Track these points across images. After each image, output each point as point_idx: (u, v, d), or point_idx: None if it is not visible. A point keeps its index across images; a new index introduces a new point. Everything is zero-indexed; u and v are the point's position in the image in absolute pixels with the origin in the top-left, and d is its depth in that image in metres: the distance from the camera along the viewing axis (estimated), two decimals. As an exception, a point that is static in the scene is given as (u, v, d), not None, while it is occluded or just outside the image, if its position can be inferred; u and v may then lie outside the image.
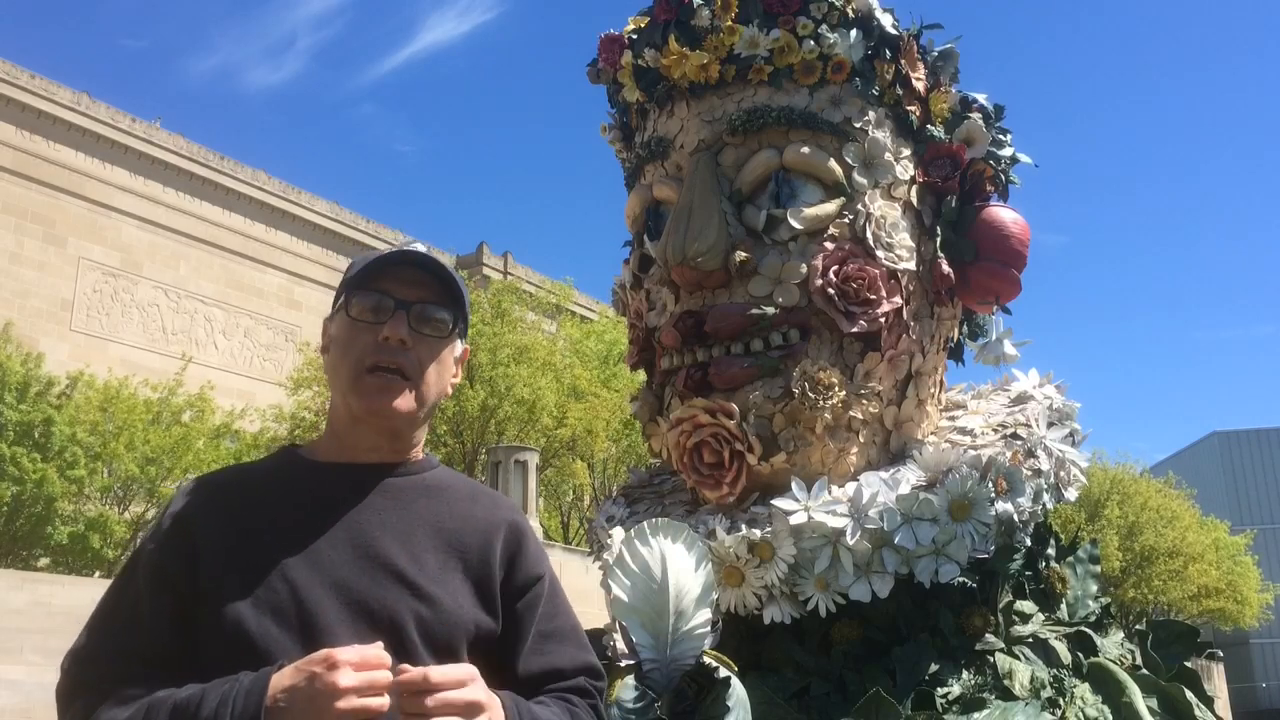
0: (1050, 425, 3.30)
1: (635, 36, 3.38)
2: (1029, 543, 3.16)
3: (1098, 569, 3.31)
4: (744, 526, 2.96)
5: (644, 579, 2.51)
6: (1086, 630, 3.10)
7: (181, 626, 1.64)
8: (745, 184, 3.17)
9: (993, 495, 2.98)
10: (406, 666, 1.53)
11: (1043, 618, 3.09)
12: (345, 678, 1.46)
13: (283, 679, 1.49)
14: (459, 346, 1.90)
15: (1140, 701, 2.83)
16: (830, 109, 3.21)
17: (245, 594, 1.63)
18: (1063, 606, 3.18)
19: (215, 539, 1.69)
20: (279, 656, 1.57)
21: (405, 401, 1.78)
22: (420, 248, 1.84)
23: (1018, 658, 2.93)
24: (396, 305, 1.78)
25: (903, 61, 3.29)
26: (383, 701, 1.48)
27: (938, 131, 3.36)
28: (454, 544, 1.78)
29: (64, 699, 1.65)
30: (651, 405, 3.32)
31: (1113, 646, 3.12)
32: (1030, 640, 3.01)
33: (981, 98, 3.45)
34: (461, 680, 1.55)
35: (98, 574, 19.90)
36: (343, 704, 1.44)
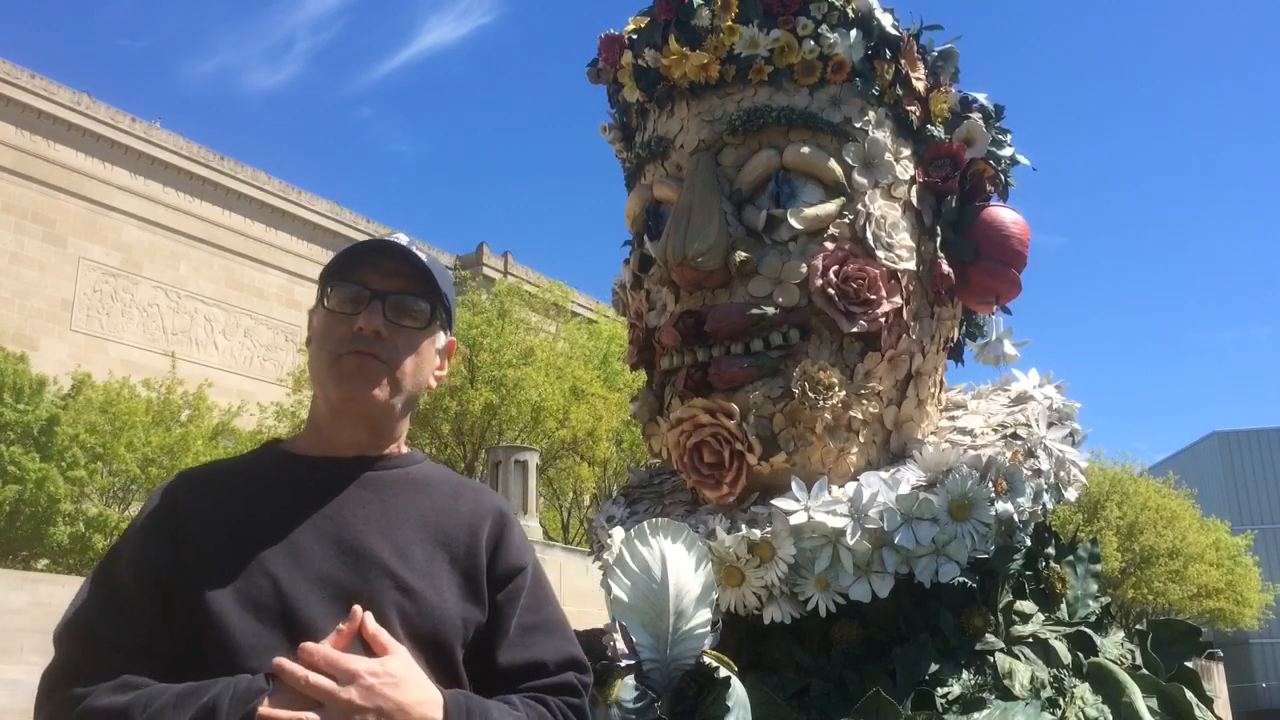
0: (1050, 425, 3.30)
1: (635, 36, 3.38)
2: (1029, 543, 3.16)
3: (1098, 569, 3.30)
4: (744, 526, 2.96)
5: (644, 579, 2.52)
6: (1086, 630, 3.10)
7: (164, 614, 1.63)
8: (745, 184, 3.17)
9: (993, 495, 2.98)
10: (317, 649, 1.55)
11: (1043, 618, 3.09)
12: None
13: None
14: (441, 338, 1.88)
15: (1140, 702, 2.82)
16: (830, 109, 3.21)
17: (228, 587, 1.62)
18: (1063, 606, 3.18)
19: (199, 529, 1.69)
20: (261, 651, 1.57)
21: (381, 389, 1.76)
22: (401, 238, 1.84)
23: (1018, 658, 2.93)
24: (373, 296, 1.77)
25: (903, 61, 3.29)
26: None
27: (938, 131, 3.36)
28: (440, 537, 1.77)
29: (54, 679, 1.65)
30: (651, 405, 3.31)
31: (1113, 646, 3.11)
32: (1030, 640, 3.01)
33: (981, 98, 3.45)
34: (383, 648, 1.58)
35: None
36: None
